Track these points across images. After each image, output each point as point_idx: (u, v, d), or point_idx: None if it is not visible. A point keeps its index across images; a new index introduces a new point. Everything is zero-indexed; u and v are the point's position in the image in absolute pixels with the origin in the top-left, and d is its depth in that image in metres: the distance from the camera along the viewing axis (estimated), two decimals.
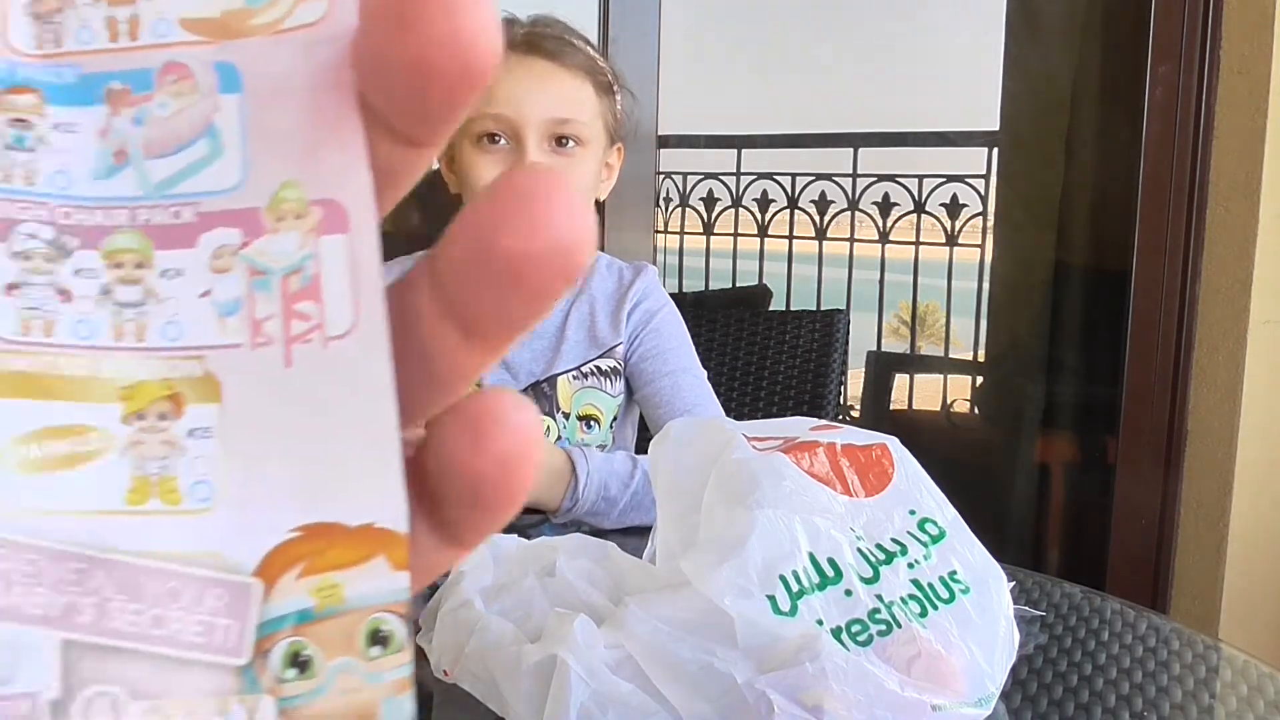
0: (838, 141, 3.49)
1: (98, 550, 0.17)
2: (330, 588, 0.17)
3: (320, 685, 0.17)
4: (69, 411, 0.17)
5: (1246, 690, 0.80)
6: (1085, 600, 0.93)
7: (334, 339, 0.17)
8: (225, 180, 0.18)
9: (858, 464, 0.69)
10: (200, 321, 0.18)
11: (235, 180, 0.18)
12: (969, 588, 0.65)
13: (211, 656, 0.17)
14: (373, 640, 0.17)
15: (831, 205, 3.40)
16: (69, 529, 0.17)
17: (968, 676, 0.62)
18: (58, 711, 0.16)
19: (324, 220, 0.18)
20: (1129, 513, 2.04)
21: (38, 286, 0.18)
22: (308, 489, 0.17)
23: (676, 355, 1.28)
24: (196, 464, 0.17)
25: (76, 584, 0.17)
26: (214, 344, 0.18)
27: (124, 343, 0.18)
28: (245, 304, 0.18)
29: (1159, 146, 1.95)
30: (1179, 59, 1.91)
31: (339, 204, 0.18)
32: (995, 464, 2.78)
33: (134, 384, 0.18)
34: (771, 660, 0.59)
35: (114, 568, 0.17)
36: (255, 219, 0.18)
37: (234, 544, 0.17)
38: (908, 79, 6.35)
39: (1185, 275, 1.93)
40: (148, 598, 0.17)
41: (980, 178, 3.16)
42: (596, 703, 0.59)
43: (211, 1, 0.18)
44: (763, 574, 0.61)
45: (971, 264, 3.19)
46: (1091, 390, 2.56)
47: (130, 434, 0.17)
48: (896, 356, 3.53)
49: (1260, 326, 1.87)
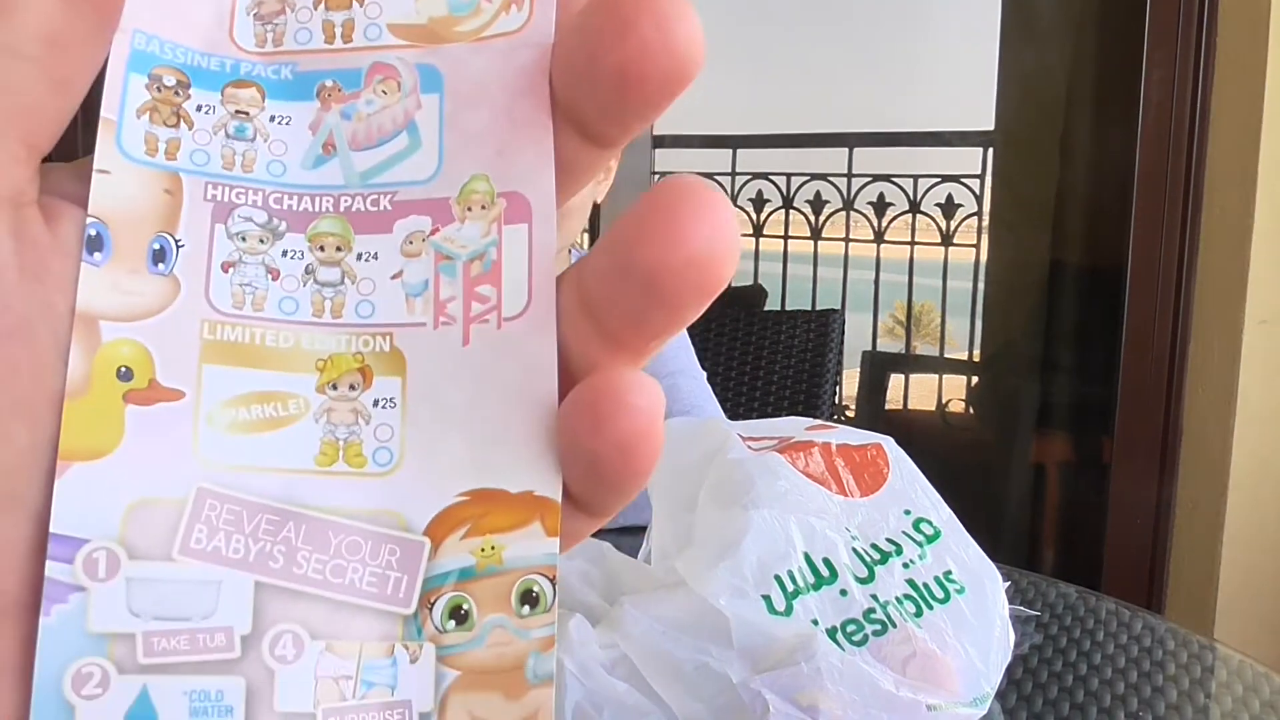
0: (833, 141, 3.49)
1: (290, 505, 0.18)
2: (491, 549, 0.18)
3: (476, 637, 0.18)
4: (272, 379, 0.19)
5: (1242, 690, 0.80)
6: (1080, 600, 0.93)
7: (508, 319, 0.19)
8: (421, 172, 0.19)
9: (853, 464, 0.68)
10: (390, 301, 0.19)
11: (430, 172, 0.19)
12: (964, 587, 0.65)
13: (383, 605, 0.18)
14: (524, 599, 0.18)
15: (826, 205, 3.40)
16: (266, 484, 0.19)
17: (963, 676, 0.62)
18: (248, 645, 0.18)
19: (509, 210, 0.19)
20: (1124, 512, 2.04)
21: (250, 265, 0.19)
22: (476, 457, 0.19)
23: (674, 358, 1.28)
24: (380, 431, 0.19)
25: (270, 534, 0.18)
26: (401, 322, 0.19)
27: (322, 318, 0.19)
28: (431, 286, 0.19)
29: (1154, 146, 1.95)
30: (1174, 58, 1.92)
31: (523, 196, 0.19)
32: (990, 464, 2.79)
33: (329, 356, 0.19)
34: (767, 660, 0.59)
35: (303, 521, 0.18)
36: (446, 208, 0.19)
37: (408, 505, 0.19)
38: (903, 79, 6.36)
39: (1180, 274, 1.94)
40: (330, 549, 0.18)
41: (975, 177, 3.17)
42: (591, 702, 0.58)
43: (420, 9, 0.20)
44: (758, 574, 0.61)
45: (967, 264, 3.19)
46: (1086, 389, 2.56)
47: (324, 402, 0.19)
48: (891, 356, 3.54)
49: (1255, 326, 1.87)
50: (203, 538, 0.18)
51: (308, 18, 0.20)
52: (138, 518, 0.18)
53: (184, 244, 0.19)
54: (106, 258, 0.18)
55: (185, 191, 0.19)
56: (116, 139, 0.19)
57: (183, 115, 0.19)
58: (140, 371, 0.18)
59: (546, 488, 0.19)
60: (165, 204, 0.19)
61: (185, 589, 0.18)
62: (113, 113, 0.19)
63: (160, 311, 0.19)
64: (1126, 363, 2.02)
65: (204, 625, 0.18)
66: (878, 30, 6.33)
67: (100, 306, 0.18)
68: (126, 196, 0.19)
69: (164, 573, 0.18)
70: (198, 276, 0.19)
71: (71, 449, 0.18)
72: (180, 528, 0.18)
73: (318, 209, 0.20)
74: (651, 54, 0.17)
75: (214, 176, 0.19)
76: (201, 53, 0.20)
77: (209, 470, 0.18)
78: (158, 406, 0.18)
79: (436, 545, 0.19)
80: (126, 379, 0.18)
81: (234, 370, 0.19)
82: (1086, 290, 2.59)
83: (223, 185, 0.19)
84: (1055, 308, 2.71)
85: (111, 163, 0.19)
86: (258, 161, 0.20)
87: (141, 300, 0.19)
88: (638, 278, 0.17)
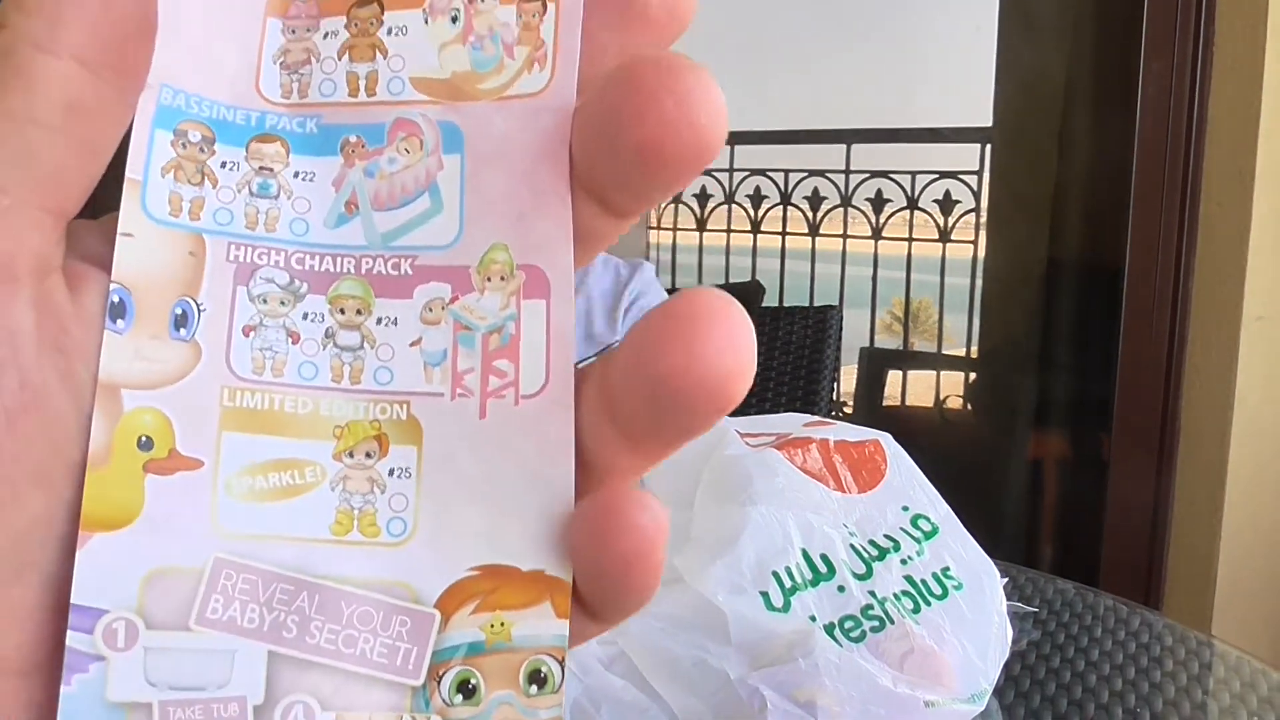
0: (831, 138, 3.49)
1: (304, 574, 0.19)
2: (500, 625, 0.19)
3: (482, 712, 0.19)
4: (290, 447, 0.19)
5: (1239, 686, 0.80)
6: (1078, 596, 0.93)
7: (526, 397, 0.19)
8: (442, 237, 0.19)
9: (851, 460, 0.68)
10: (409, 369, 0.19)
11: (451, 237, 0.19)
12: (962, 584, 0.65)
13: (392, 676, 0.19)
14: (532, 679, 0.19)
15: (824, 201, 3.40)
16: (282, 554, 0.19)
17: (961, 673, 0.62)
18: (260, 715, 0.18)
19: (527, 284, 0.19)
20: (1122, 509, 2.04)
21: (271, 329, 0.19)
22: (489, 532, 0.19)
23: None
24: (394, 500, 0.19)
25: (285, 603, 0.18)
26: (419, 391, 0.19)
27: (341, 384, 0.19)
28: (449, 356, 0.19)
29: (1152, 143, 1.95)
30: (1172, 55, 1.92)
31: (542, 271, 0.19)
32: (988, 460, 2.79)
33: (347, 423, 0.19)
34: (764, 656, 0.59)
35: (316, 591, 0.19)
36: (465, 276, 0.19)
37: (420, 576, 0.19)
38: (900, 75, 6.35)
39: (1178, 271, 1.94)
40: (343, 619, 0.19)
41: (973, 174, 3.16)
42: (590, 699, 0.58)
43: (443, 64, 0.20)
44: (756, 570, 0.61)
45: (964, 260, 3.19)
46: (1084, 386, 2.56)
47: (340, 469, 0.19)
48: (889, 353, 3.53)
49: (1253, 323, 1.87)
50: (219, 607, 0.18)
51: (332, 68, 0.20)
52: (156, 587, 0.18)
53: (205, 308, 0.19)
54: (129, 325, 0.19)
55: (208, 252, 0.19)
56: (141, 200, 0.19)
57: (207, 173, 0.19)
58: (160, 440, 0.18)
59: (558, 568, 0.19)
60: (188, 266, 0.19)
61: (201, 659, 0.18)
62: (138, 173, 0.19)
63: (181, 379, 0.19)
64: (1124, 359, 2.02)
65: (218, 695, 0.18)
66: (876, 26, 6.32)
67: (122, 375, 0.18)
68: (150, 260, 0.19)
69: (180, 642, 0.18)
70: (219, 341, 0.19)
71: (93, 519, 0.18)
72: (197, 597, 0.18)
73: (339, 270, 0.20)
74: (673, 131, 0.17)
75: (237, 236, 0.19)
76: (228, 105, 0.20)
77: (226, 540, 0.19)
78: (177, 476, 0.18)
79: (447, 618, 0.19)
80: (147, 448, 0.18)
81: (253, 438, 0.19)
82: (1084, 287, 2.59)
83: (245, 246, 0.19)
84: (1053, 304, 2.71)
85: (136, 225, 0.19)
86: (280, 220, 0.20)
87: (163, 367, 0.19)
88: (654, 388, 0.17)
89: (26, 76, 0.18)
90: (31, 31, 0.18)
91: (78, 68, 0.18)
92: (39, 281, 0.18)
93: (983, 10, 2.88)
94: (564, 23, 0.19)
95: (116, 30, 0.18)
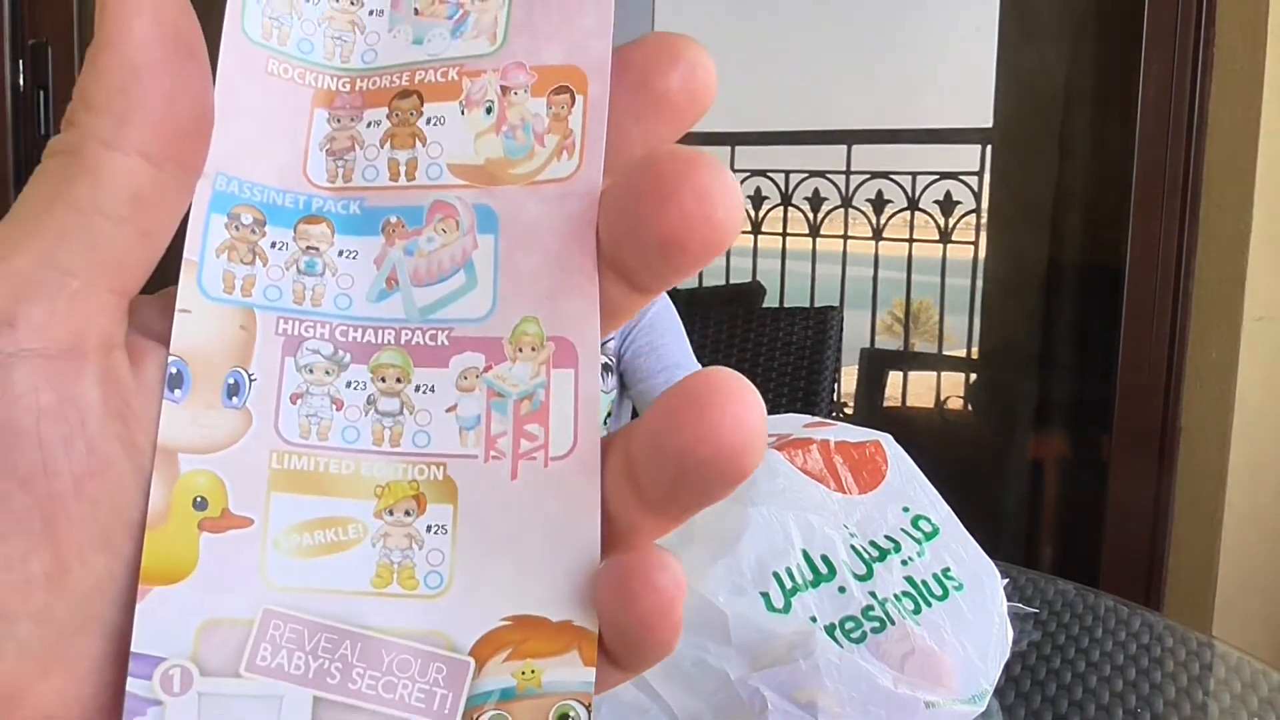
0: (831, 138, 3.49)
1: (347, 624, 0.20)
2: (531, 672, 0.20)
3: None
4: (334, 506, 0.20)
5: (1240, 687, 0.80)
6: (1079, 597, 0.93)
7: (555, 459, 0.20)
8: (476, 310, 0.21)
9: (851, 461, 0.68)
10: (445, 433, 0.21)
11: (485, 311, 0.21)
12: (962, 585, 0.65)
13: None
14: None
15: (825, 202, 3.40)
16: (326, 605, 0.20)
17: (961, 673, 0.62)
18: None
19: (556, 354, 0.20)
20: (1122, 509, 2.04)
21: (317, 396, 0.21)
22: (520, 585, 0.20)
23: (670, 351, 1.28)
24: (431, 555, 0.20)
25: (329, 651, 0.20)
26: (454, 453, 0.21)
27: (381, 447, 0.21)
28: (483, 421, 0.21)
29: (1152, 143, 1.95)
30: (1172, 56, 1.91)
31: (570, 342, 0.20)
32: (989, 461, 2.79)
33: (387, 483, 0.21)
34: (765, 657, 0.59)
35: (358, 640, 0.20)
36: (498, 347, 0.21)
37: (456, 626, 0.20)
38: (901, 76, 6.35)
39: (1178, 272, 1.93)
40: (383, 666, 0.20)
41: (974, 174, 3.17)
42: None
43: (478, 151, 0.21)
44: (756, 571, 0.61)
45: (965, 261, 3.19)
46: (1085, 387, 2.56)
47: (380, 527, 0.20)
48: (890, 353, 3.53)
49: (1253, 323, 1.87)
50: (267, 655, 0.20)
51: (375, 155, 0.21)
52: (209, 636, 0.20)
53: (256, 377, 0.20)
54: (185, 395, 0.20)
55: (259, 326, 0.21)
56: (198, 278, 0.20)
57: (258, 252, 0.21)
58: (214, 501, 0.20)
59: (585, 619, 0.20)
60: (240, 339, 0.21)
61: (250, 704, 0.19)
62: (195, 254, 0.20)
63: (234, 443, 0.20)
64: (1124, 359, 2.02)
65: None
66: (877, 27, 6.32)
67: (179, 440, 0.20)
68: (205, 334, 0.20)
69: (232, 688, 0.19)
70: (268, 409, 0.20)
71: (152, 573, 0.19)
72: (248, 646, 0.20)
73: (380, 341, 0.21)
74: (691, 224, 0.19)
75: (285, 311, 0.21)
76: (278, 190, 0.21)
77: (275, 592, 0.20)
78: (229, 534, 0.20)
79: (480, 666, 0.20)
80: (202, 508, 0.20)
81: (299, 498, 0.20)
82: (1085, 287, 2.59)
83: (293, 319, 0.21)
84: (1054, 305, 2.71)
85: (192, 302, 0.20)
86: (326, 295, 0.21)
87: (216, 433, 0.20)
88: (670, 460, 0.19)
89: (94, 171, 0.19)
90: (99, 130, 0.19)
91: (142, 162, 0.19)
92: (104, 356, 0.19)
93: (983, 11, 2.88)
94: (591, 113, 0.21)
95: (177, 127, 0.20)
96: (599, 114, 0.21)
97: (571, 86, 0.21)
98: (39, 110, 2.18)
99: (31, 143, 2.18)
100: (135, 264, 0.20)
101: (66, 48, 2.17)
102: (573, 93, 0.21)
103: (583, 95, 0.21)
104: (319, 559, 0.20)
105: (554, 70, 0.21)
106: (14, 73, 2.16)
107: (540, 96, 0.21)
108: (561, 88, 0.21)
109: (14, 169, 2.17)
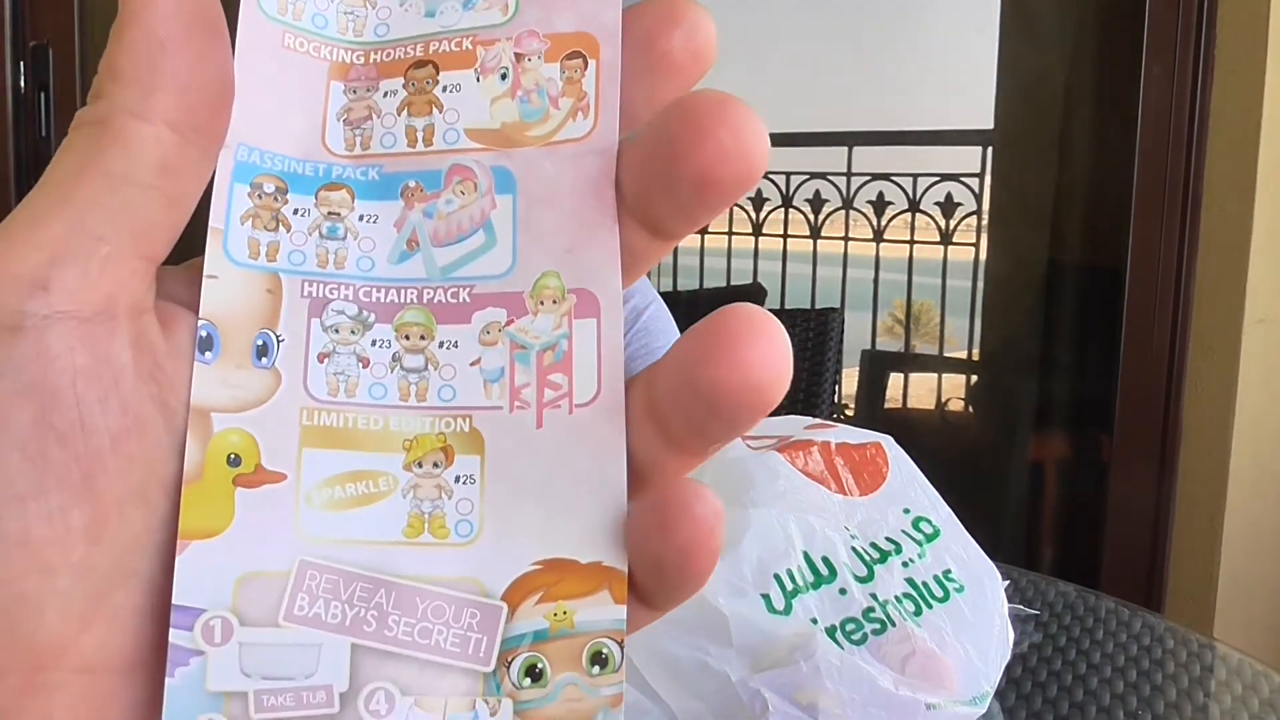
0: (832, 140, 3.49)
1: (381, 574, 0.20)
2: (563, 614, 0.20)
3: (549, 694, 0.20)
4: (364, 460, 0.21)
5: (1241, 689, 0.80)
6: (1080, 599, 0.93)
7: (579, 406, 0.21)
8: (497, 267, 0.21)
9: (852, 463, 0.68)
10: (470, 386, 0.21)
11: (505, 268, 0.21)
12: (963, 586, 0.65)
13: (465, 664, 0.20)
14: (594, 660, 0.20)
15: (826, 204, 3.40)
16: (360, 556, 0.21)
17: (962, 675, 0.62)
18: (346, 701, 0.20)
19: (578, 305, 0.21)
20: (1123, 511, 2.04)
21: (343, 355, 0.21)
22: (549, 530, 0.21)
23: (665, 333, 1.28)
24: (461, 505, 0.21)
25: (364, 600, 0.20)
26: (480, 405, 0.21)
27: (408, 402, 0.21)
28: (507, 373, 0.21)
29: (1153, 145, 1.95)
30: (1173, 57, 1.91)
31: (592, 293, 0.21)
32: (990, 462, 2.78)
33: (415, 437, 0.21)
34: (766, 659, 0.59)
35: (393, 588, 0.20)
36: (520, 301, 0.21)
37: (487, 572, 0.21)
38: (902, 77, 6.35)
39: (1179, 274, 1.93)
40: (418, 613, 0.20)
41: (975, 176, 3.16)
42: None
43: (494, 115, 0.22)
44: (757, 573, 0.61)
45: (966, 263, 3.19)
46: (1086, 388, 2.56)
47: (410, 479, 0.21)
48: (891, 355, 3.53)
49: (1254, 325, 1.87)
50: (304, 605, 0.20)
51: (392, 123, 0.22)
52: (247, 588, 0.20)
53: (284, 339, 0.21)
54: (216, 356, 0.21)
55: (284, 290, 0.21)
56: (224, 245, 0.21)
57: (281, 219, 0.22)
58: (248, 457, 0.21)
59: (614, 559, 0.20)
60: (267, 303, 0.21)
61: (290, 651, 0.20)
62: (220, 222, 0.21)
63: (264, 402, 0.21)
64: (1125, 361, 2.02)
65: (307, 684, 0.20)
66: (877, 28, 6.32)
67: (211, 400, 0.20)
68: (232, 298, 0.21)
69: (271, 637, 0.20)
70: (297, 368, 0.21)
71: (190, 529, 0.20)
72: (285, 597, 0.20)
73: (403, 300, 0.22)
74: (727, 158, 0.19)
75: (309, 275, 0.21)
76: (297, 159, 0.22)
77: (309, 544, 0.20)
78: (263, 489, 0.20)
79: (513, 609, 0.20)
80: (235, 465, 0.20)
81: (330, 453, 0.21)
82: (1086, 289, 2.59)
83: (317, 282, 0.21)
84: (1054, 306, 2.71)
85: (219, 268, 0.21)
86: (348, 258, 0.22)
87: (247, 393, 0.21)
88: (699, 394, 0.19)
89: (123, 140, 0.20)
90: (127, 100, 0.20)
91: (168, 131, 0.20)
92: (135, 320, 0.20)
93: (984, 12, 2.88)
94: (605, 75, 0.21)
95: (201, 97, 0.21)
96: (612, 76, 0.21)
97: (584, 52, 0.22)
98: (40, 111, 2.18)
99: (32, 143, 2.18)
100: (162, 230, 0.20)
101: (67, 49, 2.17)
102: (585, 58, 0.21)
103: (595, 60, 0.21)
104: (351, 511, 0.21)
105: (566, 37, 0.22)
106: (15, 74, 2.16)
107: (554, 62, 0.22)
108: (574, 53, 0.22)
109: (14, 169, 2.17)
